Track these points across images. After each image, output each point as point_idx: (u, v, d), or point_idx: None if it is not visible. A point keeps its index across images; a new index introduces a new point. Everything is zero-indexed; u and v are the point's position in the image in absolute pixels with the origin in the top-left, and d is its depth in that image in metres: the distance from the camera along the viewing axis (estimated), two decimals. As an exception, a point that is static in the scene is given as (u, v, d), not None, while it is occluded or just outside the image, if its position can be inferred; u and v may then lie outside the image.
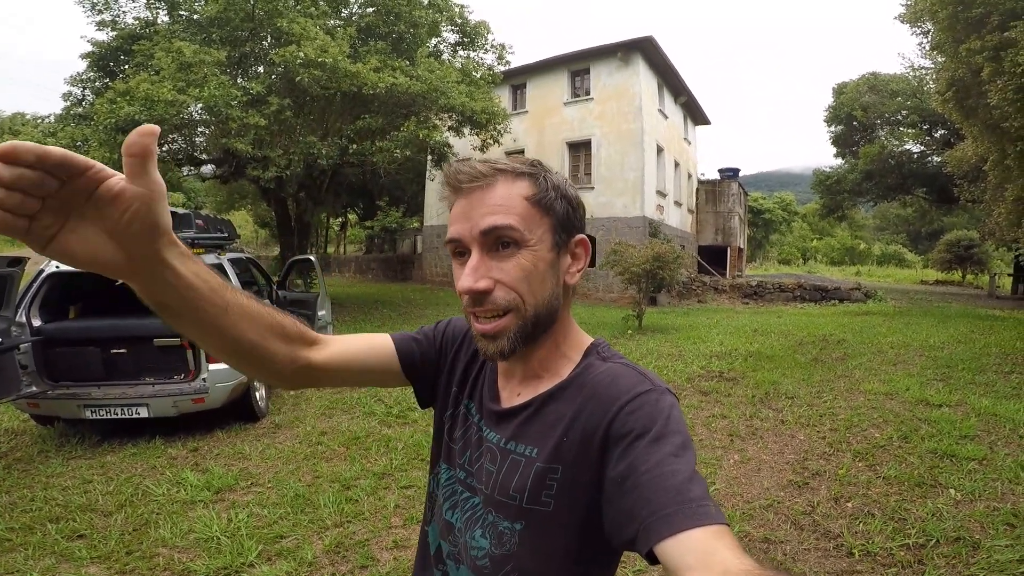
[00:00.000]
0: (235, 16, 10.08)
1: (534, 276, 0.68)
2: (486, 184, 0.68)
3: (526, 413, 0.73)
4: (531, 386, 0.75)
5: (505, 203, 0.67)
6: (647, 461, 0.57)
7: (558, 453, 0.67)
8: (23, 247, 2.71)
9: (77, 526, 2.99)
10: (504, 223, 0.66)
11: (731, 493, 3.44)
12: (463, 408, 0.83)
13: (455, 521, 0.78)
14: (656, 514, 0.53)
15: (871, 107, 23.25)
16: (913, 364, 7.10)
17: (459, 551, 0.76)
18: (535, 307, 0.69)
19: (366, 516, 3.12)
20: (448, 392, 0.86)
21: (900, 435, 4.36)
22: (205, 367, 4.28)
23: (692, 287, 16.75)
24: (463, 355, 0.87)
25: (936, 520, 2.98)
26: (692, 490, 0.54)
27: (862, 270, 35.70)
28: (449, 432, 0.84)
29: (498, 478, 0.71)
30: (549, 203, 0.70)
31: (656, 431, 0.60)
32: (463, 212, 0.69)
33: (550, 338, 0.74)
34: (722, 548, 0.48)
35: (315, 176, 12.32)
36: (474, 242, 0.67)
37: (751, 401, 5.43)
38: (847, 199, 27.31)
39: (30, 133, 11.87)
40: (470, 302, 0.68)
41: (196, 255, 0.61)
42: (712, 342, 8.80)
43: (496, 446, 0.74)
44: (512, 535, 0.69)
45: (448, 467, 0.82)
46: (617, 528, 0.59)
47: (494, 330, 0.68)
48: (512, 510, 0.69)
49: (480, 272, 0.67)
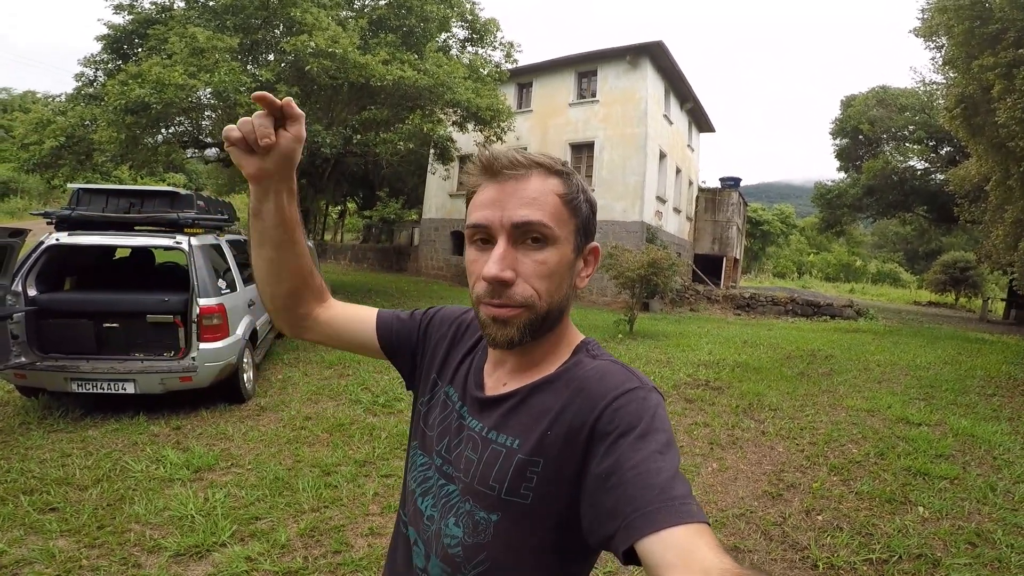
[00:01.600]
0: (250, 4, 10.11)
1: (555, 275, 0.69)
2: (523, 175, 0.68)
3: (511, 403, 0.73)
4: (518, 377, 0.75)
5: (540, 198, 0.67)
6: (632, 458, 0.58)
7: (541, 446, 0.67)
8: (23, 219, 2.74)
9: (51, 499, 2.99)
10: (539, 219, 0.66)
11: (706, 501, 3.49)
12: (442, 394, 0.83)
13: (426, 509, 0.77)
14: (639, 511, 0.53)
15: (878, 121, 23.29)
16: (898, 383, 7.17)
17: (429, 539, 0.75)
18: (550, 305, 0.69)
19: (344, 502, 3.16)
20: (427, 378, 0.87)
21: (877, 451, 4.42)
22: (196, 346, 4.30)
23: (685, 295, 16.80)
24: (448, 342, 0.87)
25: (902, 536, 3.04)
26: (676, 488, 0.54)
27: (856, 287, 35.87)
28: (424, 418, 0.84)
29: (479, 467, 0.71)
30: (577, 204, 0.70)
31: (642, 428, 0.60)
32: (494, 199, 0.68)
33: (552, 335, 0.75)
34: (703, 546, 0.49)
35: (318, 164, 12.33)
36: (503, 231, 0.67)
37: (734, 411, 5.48)
38: (847, 214, 27.37)
39: (40, 111, 11.86)
40: (488, 292, 0.68)
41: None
42: (701, 351, 8.86)
43: (478, 434, 0.74)
44: (487, 526, 0.68)
45: (423, 454, 0.82)
46: (597, 525, 0.58)
47: (507, 316, 0.68)
48: (489, 500, 0.68)
49: (507, 262, 0.67)
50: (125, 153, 10.67)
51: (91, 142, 10.50)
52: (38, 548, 2.54)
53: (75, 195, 4.85)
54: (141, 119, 9.22)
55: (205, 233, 4.91)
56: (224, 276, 4.98)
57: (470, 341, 0.86)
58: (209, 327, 4.35)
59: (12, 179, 29.28)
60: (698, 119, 21.73)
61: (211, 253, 4.82)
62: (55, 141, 10.65)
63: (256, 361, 5.46)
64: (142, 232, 4.77)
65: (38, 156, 10.98)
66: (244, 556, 2.56)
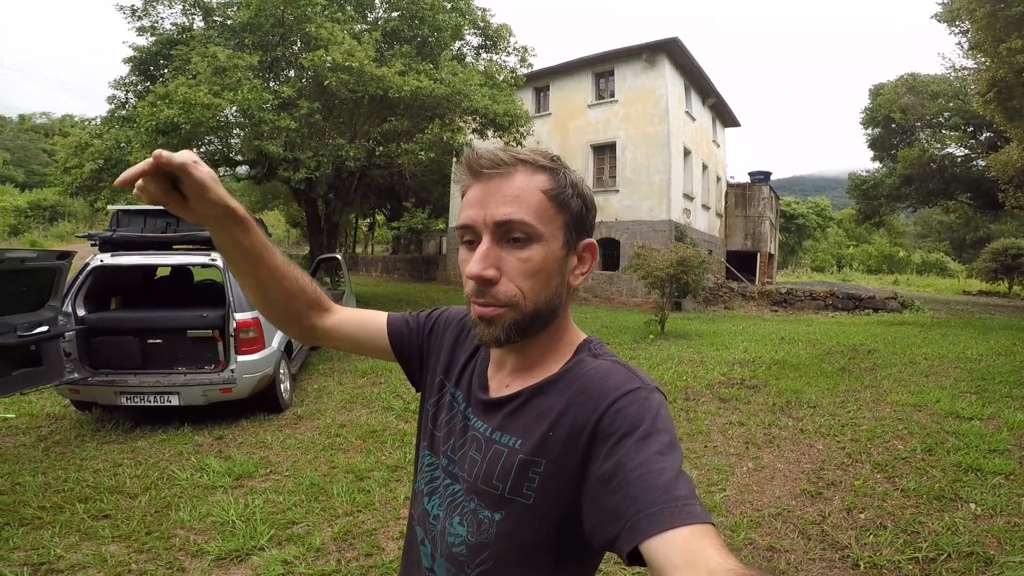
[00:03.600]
0: (266, 21, 10.31)
1: (541, 273, 0.68)
2: (506, 173, 0.67)
3: (513, 404, 0.73)
4: (520, 378, 0.75)
5: (522, 194, 0.67)
6: (634, 459, 0.57)
7: (543, 447, 0.67)
8: (71, 243, 2.89)
9: (104, 506, 3.15)
10: (519, 218, 0.66)
11: (741, 500, 3.41)
12: (448, 396, 0.84)
13: (432, 509, 0.78)
14: (642, 512, 0.53)
15: (910, 109, 22.46)
16: (946, 376, 6.86)
17: (435, 538, 0.76)
18: (535, 303, 0.69)
19: (376, 507, 3.21)
20: (434, 379, 0.88)
21: (924, 447, 4.24)
22: (234, 359, 4.45)
23: (719, 293, 16.48)
24: (452, 343, 0.88)
25: (950, 534, 2.91)
26: (679, 489, 0.54)
27: (900, 279, 34.45)
28: (433, 419, 0.85)
29: (482, 466, 0.71)
30: (565, 200, 0.69)
31: (644, 429, 0.60)
32: (478, 198, 0.68)
33: (546, 334, 0.74)
34: (708, 547, 0.49)
35: (344, 178, 12.56)
36: (486, 230, 0.67)
37: (771, 409, 5.34)
38: (885, 204, 26.38)
39: (78, 135, 12.35)
40: (475, 290, 0.68)
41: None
42: (736, 349, 8.67)
43: (482, 435, 0.74)
44: (491, 524, 0.69)
45: (431, 454, 0.83)
46: (600, 526, 0.58)
47: (492, 315, 0.68)
48: (493, 499, 0.69)
49: (489, 260, 0.67)
50: None
51: (127, 164, 10.79)
52: (92, 553, 2.67)
53: (115, 217, 5.08)
54: (172, 139, 9.40)
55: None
56: (258, 291, 5.13)
57: (474, 343, 0.86)
58: (245, 340, 4.50)
59: (59, 203, 30.64)
60: (722, 114, 21.39)
61: (244, 268, 4.97)
62: (94, 164, 10.95)
63: (292, 371, 5.61)
64: (179, 251, 4.98)
65: (80, 179, 11.30)
66: (281, 560, 2.63)
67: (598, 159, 17.17)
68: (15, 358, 3.85)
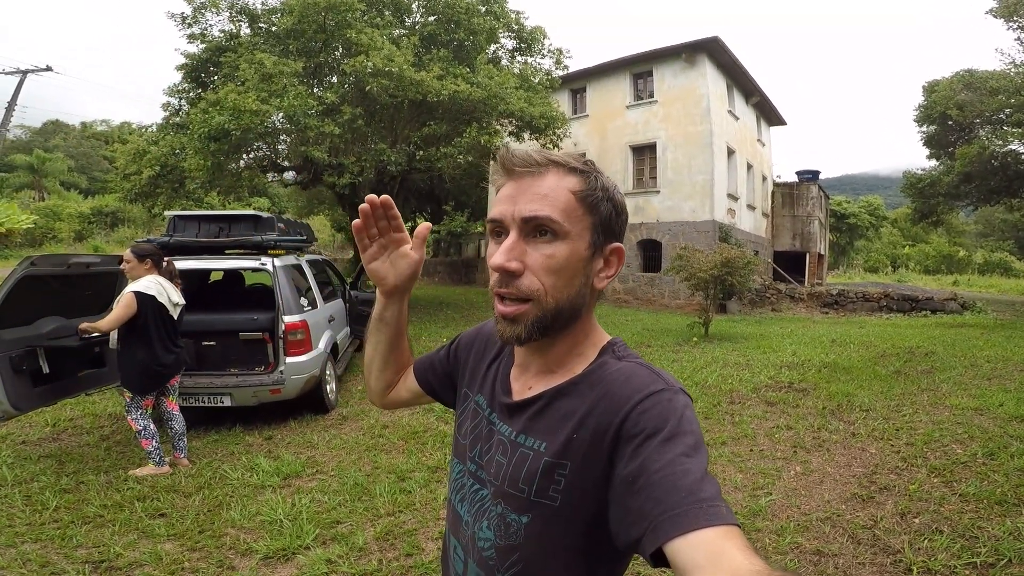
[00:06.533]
0: (308, 28, 10.49)
1: (564, 270, 0.69)
2: (537, 172, 0.69)
3: (536, 407, 0.74)
4: (543, 380, 0.76)
5: (551, 193, 0.68)
6: (659, 461, 0.57)
7: (567, 449, 0.67)
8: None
9: (160, 505, 3.27)
10: (545, 214, 0.67)
11: (788, 504, 3.31)
12: (472, 403, 0.86)
13: (463, 514, 0.79)
14: (667, 513, 0.53)
15: (968, 105, 21.19)
16: (1011, 379, 6.45)
17: (467, 544, 0.77)
18: (557, 301, 0.69)
19: (417, 507, 3.27)
20: (460, 393, 0.91)
21: (986, 452, 4.01)
22: (283, 360, 4.58)
23: (766, 295, 15.98)
24: (472, 356, 0.91)
25: (1013, 539, 2.75)
26: (704, 490, 0.54)
27: (960, 279, 32.50)
28: (459, 428, 0.87)
29: (508, 470, 0.72)
30: (595, 202, 0.70)
31: (669, 430, 0.60)
32: (509, 195, 0.70)
33: (569, 335, 0.74)
34: (732, 548, 0.48)
35: (385, 182, 12.77)
36: (514, 224, 0.69)
37: (821, 413, 5.15)
38: (942, 203, 24.91)
39: (136, 142, 12.91)
40: (498, 281, 0.70)
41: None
42: (784, 352, 8.39)
43: (507, 438, 0.75)
44: (519, 527, 0.69)
45: (459, 462, 0.84)
46: (625, 527, 0.58)
47: (514, 313, 0.69)
48: (520, 502, 0.69)
49: (514, 253, 0.68)
50: (212, 179, 11.17)
51: (182, 170, 11.14)
52: (148, 551, 2.77)
53: (171, 222, 5.33)
54: (223, 145, 9.66)
55: (286, 254, 5.25)
56: (305, 294, 5.30)
57: (494, 350, 0.88)
58: (294, 342, 4.65)
59: (119, 209, 31.38)
60: (767, 113, 20.77)
61: (293, 273, 5.15)
62: (151, 170, 11.37)
63: (338, 373, 5.76)
64: (231, 255, 5.19)
65: (138, 186, 11.78)
66: (325, 559, 2.70)
67: (637, 160, 16.93)
68: (81, 360, 4.11)
